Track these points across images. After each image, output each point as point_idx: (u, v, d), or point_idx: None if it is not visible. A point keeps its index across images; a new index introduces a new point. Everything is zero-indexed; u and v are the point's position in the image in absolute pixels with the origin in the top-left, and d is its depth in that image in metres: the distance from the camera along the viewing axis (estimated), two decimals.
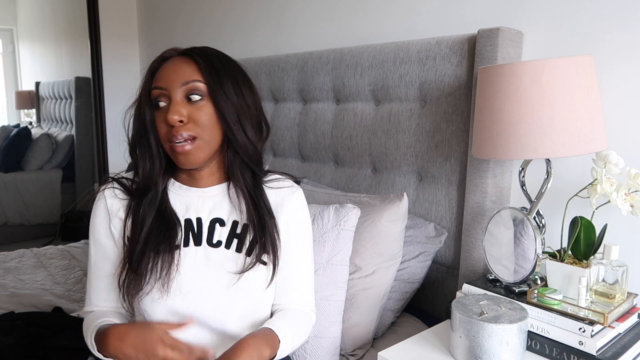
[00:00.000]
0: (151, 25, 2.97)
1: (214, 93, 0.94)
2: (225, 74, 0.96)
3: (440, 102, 1.39)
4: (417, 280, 1.39)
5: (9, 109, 4.23)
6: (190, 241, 0.98)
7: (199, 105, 0.93)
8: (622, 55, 1.16)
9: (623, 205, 1.05)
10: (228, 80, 0.95)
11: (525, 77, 1.01)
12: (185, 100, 0.93)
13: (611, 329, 0.99)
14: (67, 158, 3.80)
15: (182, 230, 0.99)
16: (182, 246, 0.98)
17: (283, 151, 1.94)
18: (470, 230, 1.33)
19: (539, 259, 1.09)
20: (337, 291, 1.22)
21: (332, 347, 1.21)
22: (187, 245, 0.98)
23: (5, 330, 1.29)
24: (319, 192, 1.53)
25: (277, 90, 1.92)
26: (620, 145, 1.15)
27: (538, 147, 1.01)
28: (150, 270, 0.94)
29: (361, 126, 1.61)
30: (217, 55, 0.99)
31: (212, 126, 0.94)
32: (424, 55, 1.42)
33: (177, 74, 0.93)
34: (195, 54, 0.96)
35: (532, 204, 1.14)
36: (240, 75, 1.00)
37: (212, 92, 0.93)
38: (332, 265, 1.22)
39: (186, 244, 0.98)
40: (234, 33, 2.31)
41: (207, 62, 0.95)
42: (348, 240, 1.24)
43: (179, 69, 0.94)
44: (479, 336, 0.94)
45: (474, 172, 1.31)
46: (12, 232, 3.59)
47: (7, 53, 4.14)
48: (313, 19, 1.92)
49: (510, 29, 1.26)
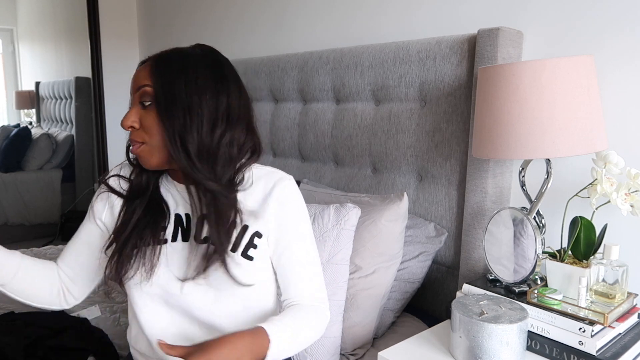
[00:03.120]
0: (151, 25, 2.97)
1: (157, 97, 0.91)
2: (179, 76, 0.92)
3: (440, 102, 1.40)
4: (417, 280, 1.39)
5: (9, 109, 4.23)
6: (178, 236, 0.99)
7: (148, 110, 0.92)
8: (622, 55, 1.16)
9: (623, 205, 1.05)
10: (181, 83, 0.91)
11: (525, 77, 1.01)
12: (140, 105, 0.93)
13: (611, 329, 0.99)
14: (67, 158, 3.80)
15: (172, 224, 0.99)
16: (170, 240, 0.98)
17: (283, 151, 1.93)
18: (470, 230, 1.33)
19: (539, 259, 1.09)
20: (338, 290, 1.22)
21: (333, 347, 1.21)
22: (175, 240, 0.99)
23: (5, 330, 1.29)
24: (319, 192, 1.53)
25: (277, 90, 1.92)
26: (620, 145, 1.15)
27: (538, 147, 1.01)
28: (135, 255, 0.96)
29: (361, 126, 1.61)
30: (179, 56, 0.95)
31: (158, 131, 0.92)
32: (424, 55, 1.42)
33: (135, 79, 0.95)
34: (154, 57, 0.95)
35: (532, 204, 1.14)
36: (208, 76, 0.93)
37: (156, 96, 0.92)
38: (333, 264, 1.22)
39: (174, 238, 0.99)
40: (234, 33, 2.31)
41: (159, 65, 0.93)
42: (348, 240, 1.24)
43: (137, 75, 0.95)
44: (479, 336, 0.94)
45: (474, 172, 1.31)
46: (12, 232, 3.59)
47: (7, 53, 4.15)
48: (313, 19, 1.92)
49: (510, 29, 1.26)
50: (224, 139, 0.94)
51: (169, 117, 0.91)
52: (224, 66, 0.98)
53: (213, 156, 0.93)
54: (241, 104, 0.97)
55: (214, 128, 0.92)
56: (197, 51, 0.97)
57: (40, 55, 4.13)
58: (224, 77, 0.96)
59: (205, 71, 0.94)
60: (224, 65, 0.98)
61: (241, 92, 0.98)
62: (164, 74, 0.92)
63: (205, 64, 0.95)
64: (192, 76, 0.92)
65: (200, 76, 0.92)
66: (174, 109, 0.90)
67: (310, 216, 1.27)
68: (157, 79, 0.92)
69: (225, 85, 0.95)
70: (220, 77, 0.95)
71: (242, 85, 1.00)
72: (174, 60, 0.94)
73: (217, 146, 0.93)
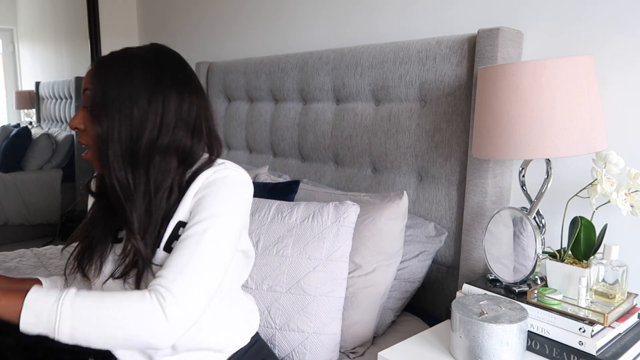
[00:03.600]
0: (151, 25, 2.97)
1: (92, 101, 0.90)
2: (115, 80, 0.89)
3: (440, 102, 1.40)
4: (417, 280, 1.39)
5: (9, 109, 4.23)
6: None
7: (88, 113, 0.92)
8: (622, 55, 1.16)
9: (623, 205, 1.05)
10: (116, 87, 0.88)
11: (525, 77, 1.01)
12: (85, 108, 0.93)
13: (611, 329, 0.99)
14: (67, 158, 3.80)
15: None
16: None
17: (283, 151, 1.94)
18: (471, 230, 1.33)
19: (539, 259, 1.09)
20: (337, 287, 1.22)
21: (332, 344, 1.21)
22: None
23: (5, 331, 1.29)
24: (319, 191, 1.53)
25: (277, 90, 1.92)
26: (620, 145, 1.15)
27: (538, 147, 1.01)
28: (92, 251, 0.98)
29: (361, 126, 1.61)
30: (121, 59, 0.92)
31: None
32: (424, 55, 1.42)
33: (84, 81, 0.94)
34: (99, 60, 0.93)
35: (532, 204, 1.14)
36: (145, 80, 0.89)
37: (91, 100, 0.90)
38: (332, 261, 1.22)
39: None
40: (234, 33, 2.31)
41: (100, 69, 0.92)
42: (348, 237, 1.25)
43: (85, 77, 0.94)
44: (479, 336, 0.94)
45: (474, 172, 1.31)
46: (12, 232, 3.59)
47: (7, 53, 4.14)
48: (313, 19, 1.92)
49: (510, 29, 1.26)
50: (156, 146, 0.89)
51: (95, 122, 0.89)
52: (167, 69, 0.93)
53: (141, 164, 0.89)
54: (184, 109, 0.92)
55: (141, 134, 0.88)
56: (143, 53, 0.93)
57: (40, 55, 4.13)
58: (164, 80, 0.91)
59: (144, 75, 0.90)
60: (166, 67, 0.93)
61: (190, 95, 0.93)
62: (103, 78, 0.90)
63: (145, 68, 0.91)
64: (128, 80, 0.89)
65: (137, 80, 0.89)
66: (102, 113, 0.88)
67: (310, 213, 1.28)
68: (95, 82, 0.91)
69: (163, 89, 0.90)
70: (160, 81, 0.90)
71: (192, 88, 0.94)
72: (115, 63, 0.92)
73: (147, 153, 0.89)
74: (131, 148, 0.89)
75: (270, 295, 1.23)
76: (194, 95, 0.94)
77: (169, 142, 0.90)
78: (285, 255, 1.24)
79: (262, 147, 2.04)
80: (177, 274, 0.82)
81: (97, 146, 0.89)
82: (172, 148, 0.91)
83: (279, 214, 1.31)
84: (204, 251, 0.84)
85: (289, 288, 1.22)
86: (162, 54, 0.95)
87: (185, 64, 0.98)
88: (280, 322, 1.21)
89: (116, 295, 0.80)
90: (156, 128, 0.89)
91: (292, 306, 1.21)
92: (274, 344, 1.21)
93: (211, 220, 0.86)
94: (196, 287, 0.82)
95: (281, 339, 1.21)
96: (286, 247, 1.25)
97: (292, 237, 1.26)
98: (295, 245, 1.24)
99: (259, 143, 2.04)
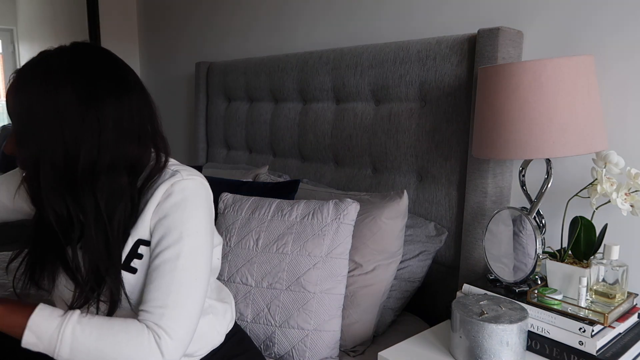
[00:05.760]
0: (151, 26, 2.97)
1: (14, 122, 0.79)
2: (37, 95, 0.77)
3: (440, 102, 1.40)
4: (417, 280, 1.39)
5: None
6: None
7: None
8: (622, 55, 1.16)
9: (623, 205, 1.05)
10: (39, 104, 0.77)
11: (525, 77, 1.01)
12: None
13: (611, 329, 0.99)
14: None
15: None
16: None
17: (283, 151, 1.94)
18: (471, 230, 1.33)
19: (539, 258, 1.09)
20: (337, 285, 1.22)
21: (332, 342, 1.21)
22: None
23: None
24: (319, 191, 1.53)
25: (277, 90, 1.92)
26: (620, 145, 1.15)
27: (538, 147, 1.01)
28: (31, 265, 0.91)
29: (361, 126, 1.61)
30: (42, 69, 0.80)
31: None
32: (424, 55, 1.42)
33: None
34: (17, 72, 0.81)
35: (532, 204, 1.14)
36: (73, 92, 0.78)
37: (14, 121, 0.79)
38: (332, 258, 1.23)
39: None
40: (234, 33, 2.31)
41: (19, 83, 0.80)
42: (347, 234, 1.25)
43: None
44: (479, 336, 0.94)
45: (474, 172, 1.31)
46: (12, 232, 3.59)
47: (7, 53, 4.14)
48: (313, 19, 1.92)
49: (510, 29, 1.26)
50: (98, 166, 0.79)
51: (21, 145, 0.79)
52: (97, 73, 0.81)
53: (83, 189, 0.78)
54: (125, 118, 0.81)
55: (77, 155, 0.77)
56: (65, 60, 0.80)
57: None
58: (95, 89, 0.79)
59: (72, 86, 0.78)
60: (96, 72, 0.81)
61: (129, 97, 0.82)
62: (24, 93, 0.78)
63: (71, 78, 0.78)
64: (52, 96, 0.77)
65: (63, 94, 0.77)
66: (27, 135, 0.78)
67: (310, 211, 1.28)
68: (16, 100, 0.79)
69: (96, 100, 0.78)
70: (90, 91, 0.78)
71: (129, 87, 0.83)
72: (36, 75, 0.79)
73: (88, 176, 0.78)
74: (67, 172, 0.78)
75: (270, 293, 1.23)
76: (134, 95, 0.83)
77: (113, 159, 0.79)
78: (285, 253, 1.24)
79: (262, 147, 2.04)
80: (162, 308, 0.79)
81: (27, 173, 0.79)
82: (118, 164, 0.80)
83: (279, 212, 1.31)
84: (181, 277, 0.81)
85: (288, 285, 1.22)
86: (88, 55, 0.82)
87: (115, 59, 0.85)
88: (280, 320, 1.21)
89: (115, 325, 0.79)
90: (95, 147, 0.78)
91: (292, 303, 1.21)
92: (273, 342, 1.21)
93: (181, 244, 0.82)
94: (184, 316, 0.81)
95: (281, 336, 1.21)
96: (286, 245, 1.25)
97: (292, 235, 1.26)
98: (295, 243, 1.25)
99: (259, 143, 2.04)
